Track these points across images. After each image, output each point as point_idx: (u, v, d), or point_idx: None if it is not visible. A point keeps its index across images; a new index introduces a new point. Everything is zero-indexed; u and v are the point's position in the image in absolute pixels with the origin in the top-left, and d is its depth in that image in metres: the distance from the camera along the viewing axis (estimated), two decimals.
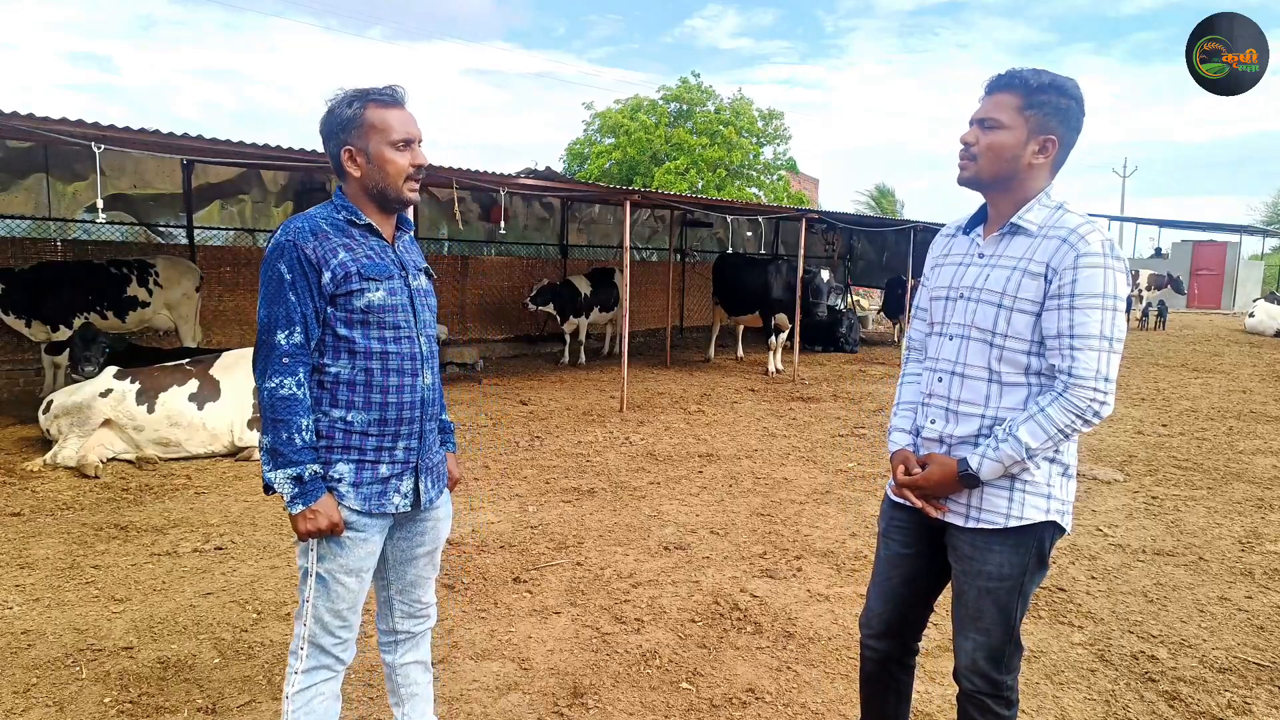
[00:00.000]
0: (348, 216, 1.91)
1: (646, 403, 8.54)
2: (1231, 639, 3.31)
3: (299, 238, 1.83)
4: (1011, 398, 1.84)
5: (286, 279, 1.82)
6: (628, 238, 8.49)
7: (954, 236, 2.05)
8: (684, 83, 23.53)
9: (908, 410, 2.06)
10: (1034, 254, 1.80)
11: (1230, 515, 4.94)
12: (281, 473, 1.82)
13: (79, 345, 6.35)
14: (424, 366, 1.99)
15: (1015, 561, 1.84)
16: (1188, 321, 22.05)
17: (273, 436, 1.83)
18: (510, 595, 3.64)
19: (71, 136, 5.48)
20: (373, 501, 1.92)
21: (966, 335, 1.88)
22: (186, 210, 9.36)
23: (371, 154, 1.87)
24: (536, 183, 8.88)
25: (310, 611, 1.93)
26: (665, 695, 2.83)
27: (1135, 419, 7.94)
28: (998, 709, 1.89)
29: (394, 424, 1.94)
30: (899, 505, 2.03)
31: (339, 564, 1.92)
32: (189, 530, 4.39)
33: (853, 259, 19.19)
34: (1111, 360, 1.73)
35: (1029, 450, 1.76)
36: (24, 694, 2.75)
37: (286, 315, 1.82)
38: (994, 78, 1.85)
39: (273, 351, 1.83)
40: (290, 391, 1.82)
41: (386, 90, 1.89)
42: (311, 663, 1.96)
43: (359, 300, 1.86)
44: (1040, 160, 1.83)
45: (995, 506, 1.84)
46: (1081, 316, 1.72)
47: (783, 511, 4.91)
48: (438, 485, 2.09)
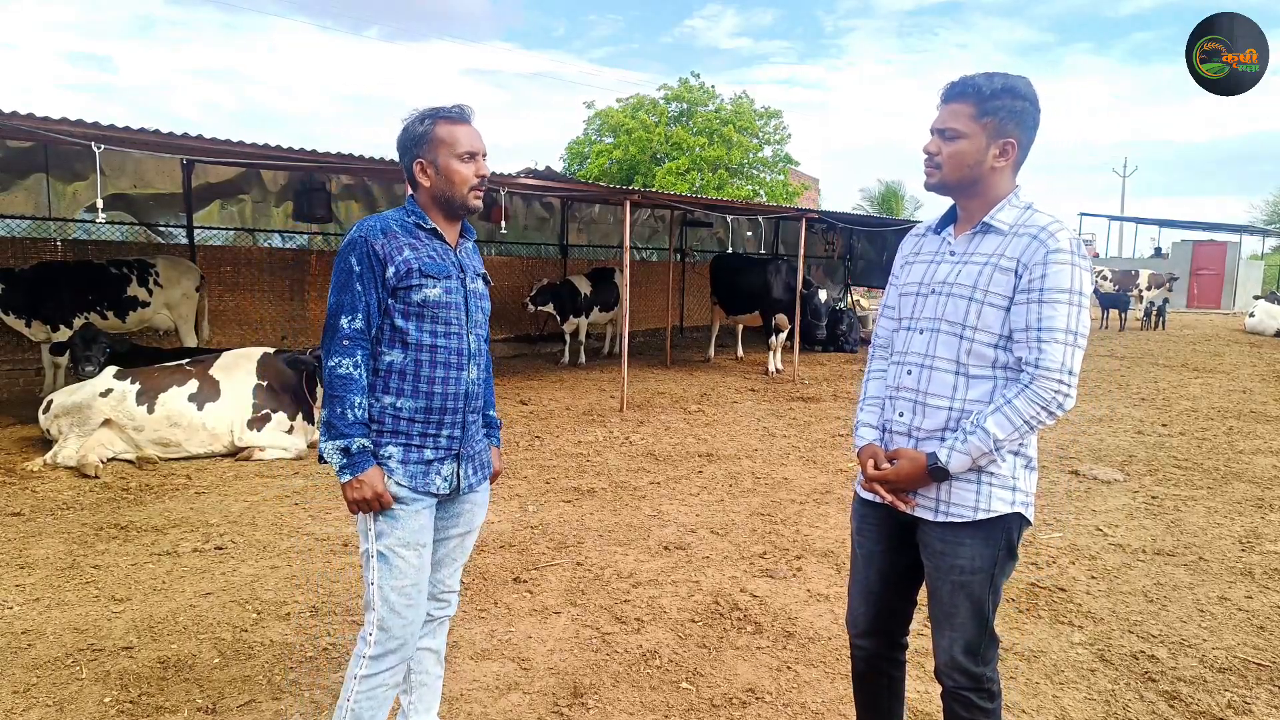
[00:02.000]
0: (416, 221, 2.09)
1: (646, 403, 8.54)
2: (1231, 639, 3.31)
3: (370, 234, 2.02)
4: (977, 390, 1.88)
5: (355, 270, 2.00)
6: (628, 237, 8.48)
7: (924, 236, 2.10)
8: (684, 83, 23.52)
9: (874, 406, 2.10)
10: (1005, 250, 1.85)
11: (1230, 515, 4.94)
12: (332, 444, 1.98)
13: (80, 345, 6.37)
14: (470, 361, 2.14)
15: (985, 554, 1.88)
16: (1188, 321, 22.05)
17: (329, 410, 2.01)
18: (510, 595, 3.64)
19: (71, 136, 5.48)
20: (418, 480, 2.07)
21: (936, 329, 1.93)
22: (186, 210, 9.36)
23: (440, 165, 2.06)
24: (536, 182, 8.87)
25: (377, 594, 2.04)
26: (665, 695, 2.84)
27: (1135, 419, 7.93)
28: (981, 702, 1.93)
29: (438, 412, 2.09)
30: (869, 503, 2.07)
31: (396, 538, 2.04)
32: (189, 530, 4.39)
33: (853, 259, 19.18)
34: (1076, 354, 1.78)
35: (996, 442, 1.80)
36: (24, 694, 2.75)
37: (351, 303, 2.00)
38: (948, 86, 1.90)
39: (336, 334, 2.01)
40: (347, 371, 2.00)
41: (455, 109, 2.08)
42: (379, 648, 2.06)
43: (417, 295, 2.03)
44: (1002, 163, 1.88)
45: (963, 500, 1.88)
46: (1049, 310, 1.77)
47: (783, 511, 4.91)
48: (479, 473, 2.24)
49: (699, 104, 23.32)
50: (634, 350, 11.64)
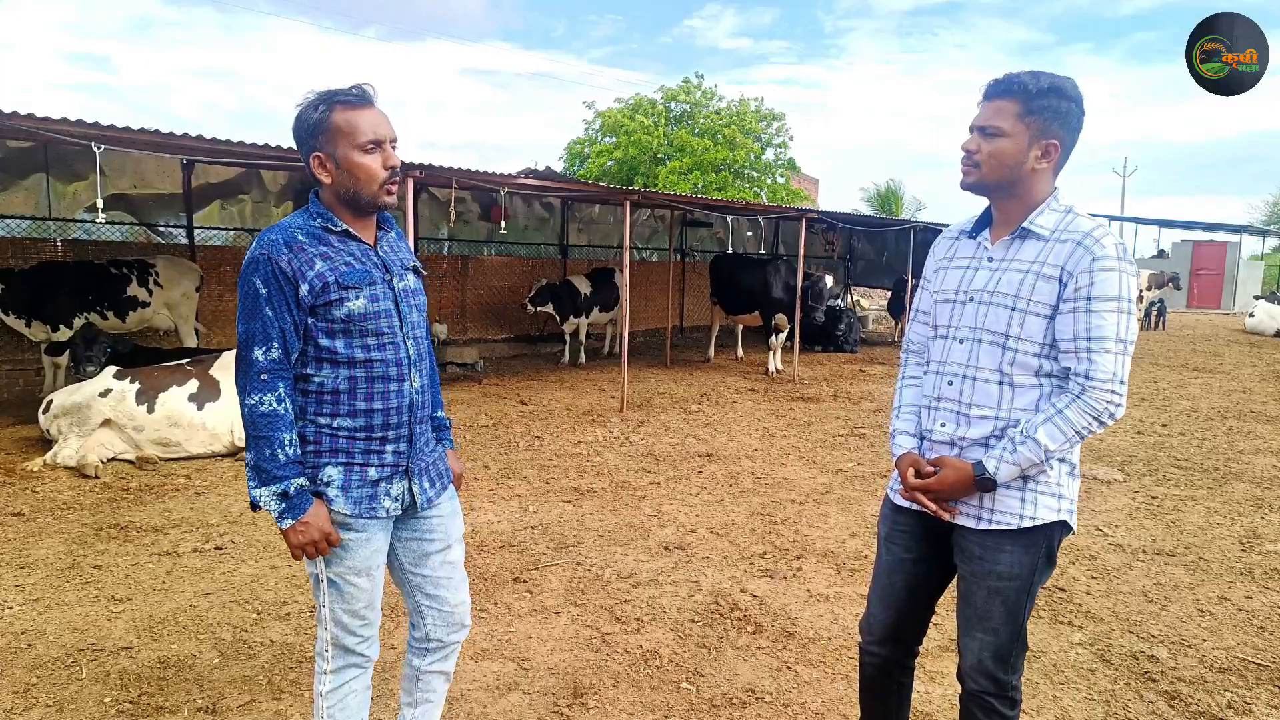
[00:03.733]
0: (324, 224, 1.85)
1: (646, 403, 8.54)
2: (1231, 639, 3.31)
3: (273, 250, 1.78)
4: (1023, 399, 1.83)
5: (262, 294, 1.77)
6: (628, 238, 8.48)
7: (958, 240, 2.03)
8: (686, 83, 23.48)
9: (910, 413, 2.04)
10: (1047, 257, 1.80)
11: (1230, 515, 4.94)
12: (267, 490, 1.79)
13: (80, 345, 6.37)
14: (411, 370, 1.94)
15: (1025, 561, 1.84)
16: (1188, 321, 22.04)
17: (255, 453, 1.80)
18: (510, 595, 3.64)
19: (71, 136, 5.48)
20: (362, 505, 1.89)
21: (978, 339, 1.87)
22: (186, 210, 9.36)
23: (340, 159, 1.81)
24: (536, 183, 8.87)
25: (329, 615, 1.94)
26: (665, 695, 2.83)
27: (1135, 419, 7.93)
28: (1003, 709, 1.89)
29: (380, 429, 1.90)
30: (901, 509, 2.01)
31: (346, 566, 1.91)
32: (189, 530, 4.39)
33: (853, 259, 19.17)
34: (1126, 362, 1.74)
35: (1047, 452, 1.76)
36: (24, 694, 2.75)
37: (264, 331, 1.78)
38: (992, 83, 1.84)
39: (251, 368, 1.79)
40: (271, 408, 1.79)
41: (354, 90, 1.82)
42: (339, 663, 1.98)
43: (339, 310, 1.82)
44: (1043, 165, 1.82)
45: (1008, 507, 1.84)
46: (1098, 319, 1.73)
47: (783, 511, 4.91)
48: (436, 485, 2.05)
49: (701, 105, 23.28)
50: (634, 350, 11.64)
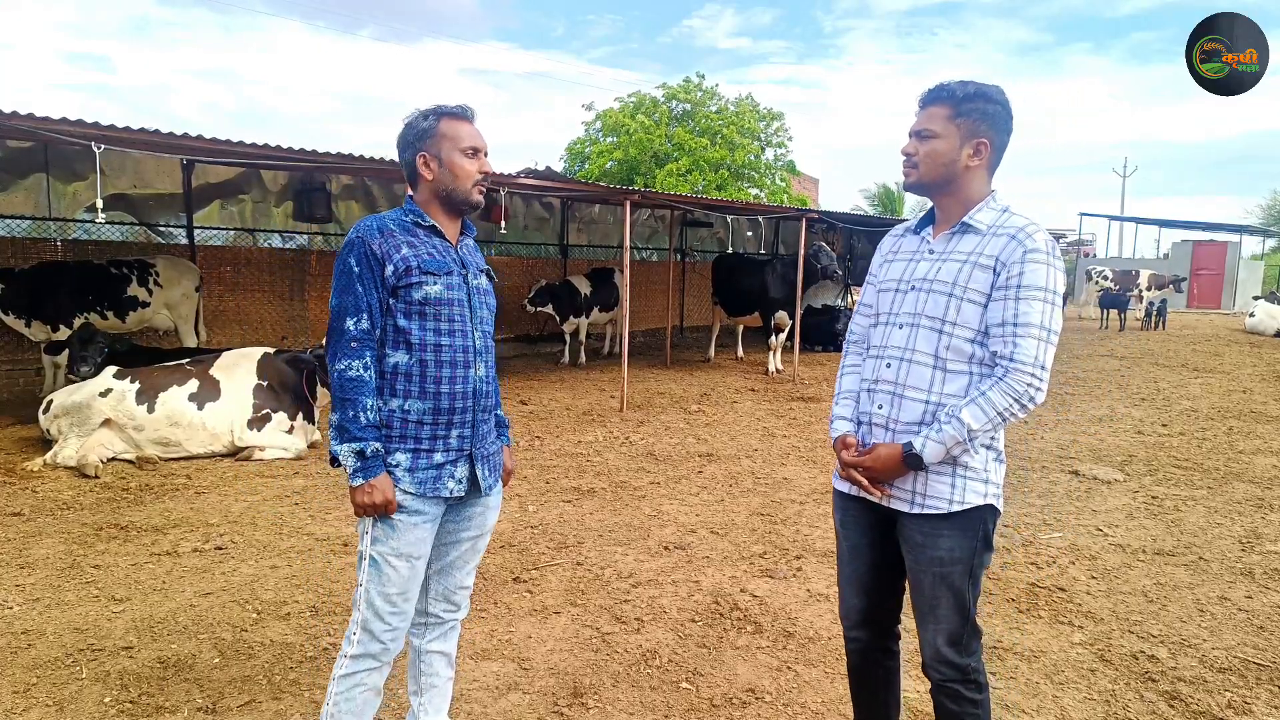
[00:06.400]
0: (414, 219, 2.10)
1: (646, 403, 8.54)
2: (1231, 639, 3.31)
3: (367, 234, 2.02)
4: (954, 384, 1.94)
5: (355, 271, 2.00)
6: (628, 237, 8.48)
7: (903, 236, 2.18)
8: (687, 82, 23.47)
9: (848, 399, 2.16)
10: (984, 249, 1.93)
11: (1230, 515, 4.94)
12: (347, 447, 1.98)
13: (76, 345, 6.35)
14: (477, 359, 2.13)
15: (964, 545, 1.94)
16: (1188, 321, 22.04)
17: (340, 414, 2.00)
18: (510, 595, 3.64)
19: (71, 136, 5.48)
20: (427, 485, 2.06)
21: (916, 324, 1.99)
22: (186, 210, 9.36)
23: (444, 159, 2.07)
24: (536, 182, 8.87)
25: (364, 596, 2.07)
26: (665, 695, 2.84)
27: (1135, 419, 7.93)
28: (969, 693, 1.98)
29: (447, 413, 2.08)
30: (849, 497, 2.12)
31: (390, 547, 2.05)
32: (189, 530, 4.39)
33: (853, 259, 19.18)
34: (1048, 350, 1.85)
35: (970, 432, 1.86)
36: (24, 694, 2.75)
37: (355, 304, 2.00)
38: (925, 92, 2.01)
39: (342, 337, 2.00)
40: (357, 373, 1.99)
41: (458, 107, 2.11)
42: (360, 649, 2.07)
43: (417, 292, 2.02)
44: (976, 163, 1.97)
45: (939, 493, 1.94)
46: (1025, 306, 1.85)
47: (783, 511, 4.91)
48: (494, 474, 2.25)
49: (702, 105, 23.27)
50: (634, 350, 11.64)
